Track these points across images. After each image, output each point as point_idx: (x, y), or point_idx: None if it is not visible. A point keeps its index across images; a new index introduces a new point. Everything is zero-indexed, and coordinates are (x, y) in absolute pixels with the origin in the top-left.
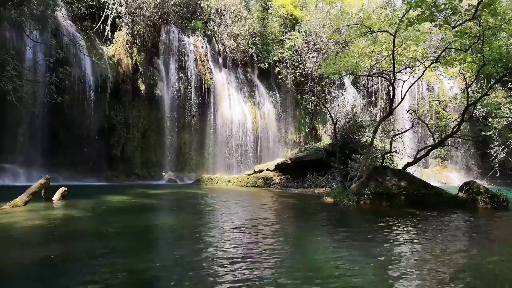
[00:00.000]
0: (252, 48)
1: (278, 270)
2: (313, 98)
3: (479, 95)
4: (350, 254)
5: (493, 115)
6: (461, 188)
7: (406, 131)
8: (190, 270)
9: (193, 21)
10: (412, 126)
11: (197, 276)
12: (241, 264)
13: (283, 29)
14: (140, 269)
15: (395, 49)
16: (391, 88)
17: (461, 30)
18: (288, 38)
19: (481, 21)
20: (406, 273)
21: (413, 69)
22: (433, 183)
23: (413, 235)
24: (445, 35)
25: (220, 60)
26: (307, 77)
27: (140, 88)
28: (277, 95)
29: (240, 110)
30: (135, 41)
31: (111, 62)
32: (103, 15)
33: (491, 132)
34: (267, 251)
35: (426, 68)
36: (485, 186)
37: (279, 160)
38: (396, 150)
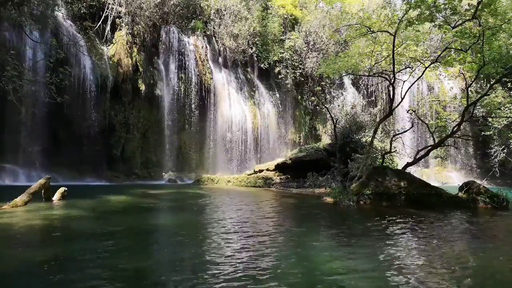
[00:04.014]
0: (252, 48)
1: (279, 270)
2: (313, 98)
3: (479, 95)
4: (350, 254)
5: (493, 115)
6: (461, 188)
7: (406, 131)
8: (190, 271)
9: (193, 21)
10: (412, 126)
11: (197, 277)
12: (241, 264)
13: (283, 29)
14: (140, 269)
15: (395, 49)
16: (391, 88)
17: (461, 30)
18: (288, 38)
19: (481, 21)
20: (407, 273)
21: (413, 69)
22: (433, 183)
23: (413, 235)
24: (445, 35)
25: (220, 60)
26: (307, 77)
27: (140, 88)
28: (277, 95)
29: (240, 110)
30: (135, 41)
31: (111, 62)
32: (103, 15)
33: (491, 132)
34: (267, 252)
35: (426, 68)
36: (485, 186)
37: (279, 160)
38: (396, 150)
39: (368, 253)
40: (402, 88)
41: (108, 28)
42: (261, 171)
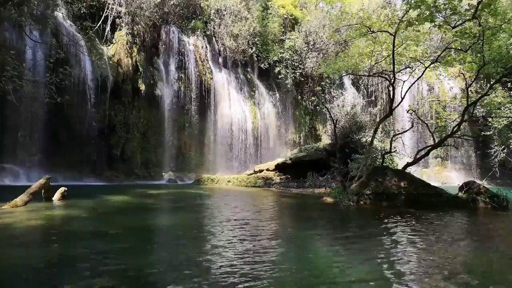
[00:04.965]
0: (252, 48)
1: (279, 271)
2: (313, 98)
3: (479, 95)
4: (350, 255)
5: (493, 115)
6: (461, 188)
7: (406, 131)
8: (190, 271)
9: (193, 21)
10: (412, 126)
11: (197, 277)
12: (241, 264)
13: (283, 29)
14: (140, 269)
15: (395, 49)
16: (391, 88)
17: (461, 30)
18: (288, 38)
19: (481, 21)
20: (407, 273)
21: (413, 69)
22: (433, 183)
23: (413, 235)
24: (445, 35)
25: (220, 60)
26: (307, 77)
27: (140, 88)
28: (277, 95)
29: (240, 110)
30: (135, 41)
31: (111, 62)
32: (103, 15)
33: (491, 132)
34: (267, 252)
35: (426, 68)
36: (485, 186)
37: (279, 160)
38: (396, 150)
39: (368, 254)
40: (402, 88)
41: (108, 28)
42: (261, 171)
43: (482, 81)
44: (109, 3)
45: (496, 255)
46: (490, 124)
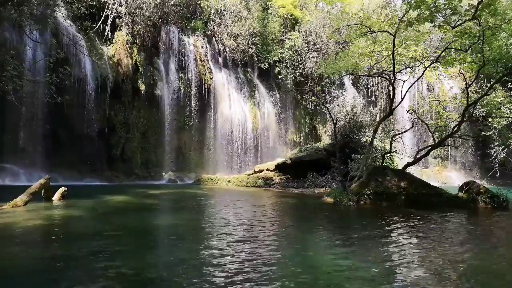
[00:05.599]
0: (252, 48)
1: (279, 271)
2: (313, 98)
3: (479, 95)
4: (350, 255)
5: (493, 115)
6: (461, 188)
7: (406, 131)
8: (190, 271)
9: (193, 21)
10: (412, 126)
11: (197, 277)
12: (241, 265)
13: (283, 29)
14: (140, 269)
15: (395, 49)
16: (391, 88)
17: (461, 30)
18: (288, 38)
19: (481, 21)
20: (407, 273)
21: (413, 69)
22: (433, 183)
23: (413, 235)
24: (445, 35)
25: (220, 60)
26: (307, 77)
27: (140, 88)
28: (277, 95)
29: (240, 110)
30: (135, 41)
31: (111, 62)
32: (103, 15)
33: (491, 132)
34: (268, 252)
35: (426, 68)
36: (485, 186)
37: (279, 160)
38: (396, 150)
39: (368, 253)
40: (402, 88)
41: (108, 28)
42: (261, 171)
43: (482, 81)
44: (109, 3)
45: (496, 256)
46: (490, 124)
